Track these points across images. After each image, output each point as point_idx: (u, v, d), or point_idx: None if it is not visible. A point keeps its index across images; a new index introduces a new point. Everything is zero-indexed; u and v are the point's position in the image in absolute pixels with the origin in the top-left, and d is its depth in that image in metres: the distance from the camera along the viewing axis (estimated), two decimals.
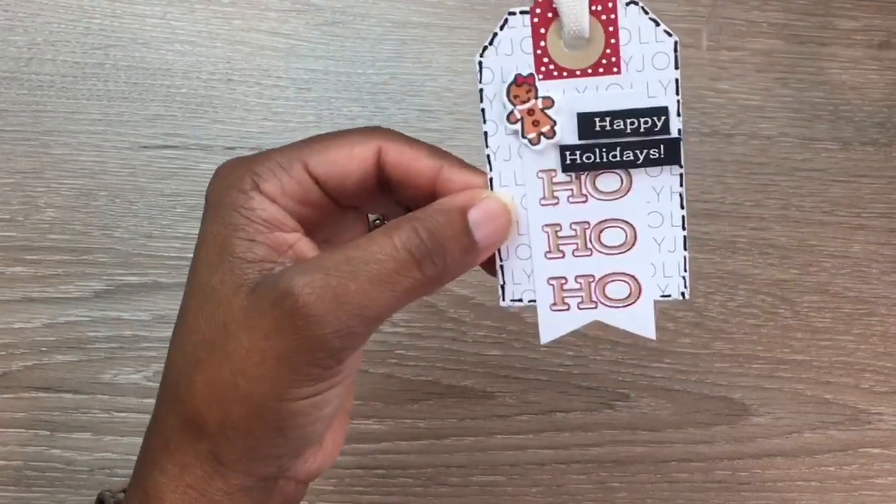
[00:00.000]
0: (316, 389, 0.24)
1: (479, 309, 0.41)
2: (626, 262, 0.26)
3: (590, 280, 0.27)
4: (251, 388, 0.24)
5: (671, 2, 0.42)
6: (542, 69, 0.25)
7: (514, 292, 0.27)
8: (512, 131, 0.26)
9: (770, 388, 0.42)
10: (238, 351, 0.24)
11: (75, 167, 0.40)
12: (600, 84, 0.25)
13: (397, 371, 0.41)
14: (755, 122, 0.43)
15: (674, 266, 0.26)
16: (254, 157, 0.26)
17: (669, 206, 0.26)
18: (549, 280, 0.27)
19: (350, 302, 0.23)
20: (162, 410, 0.26)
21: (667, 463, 0.42)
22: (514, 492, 0.41)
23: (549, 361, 0.41)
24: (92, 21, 0.41)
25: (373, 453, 0.41)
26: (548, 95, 0.25)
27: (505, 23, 0.25)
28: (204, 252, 0.25)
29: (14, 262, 0.40)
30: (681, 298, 0.27)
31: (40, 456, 0.40)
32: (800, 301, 0.42)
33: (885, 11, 0.43)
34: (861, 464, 0.42)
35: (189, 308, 0.25)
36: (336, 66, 0.41)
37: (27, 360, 0.40)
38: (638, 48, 0.25)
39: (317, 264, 0.24)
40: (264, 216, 0.25)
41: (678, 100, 0.25)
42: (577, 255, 0.26)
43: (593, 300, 0.27)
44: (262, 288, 0.24)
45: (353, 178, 0.26)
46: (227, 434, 0.24)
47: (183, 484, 0.25)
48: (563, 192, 0.26)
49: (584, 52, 0.25)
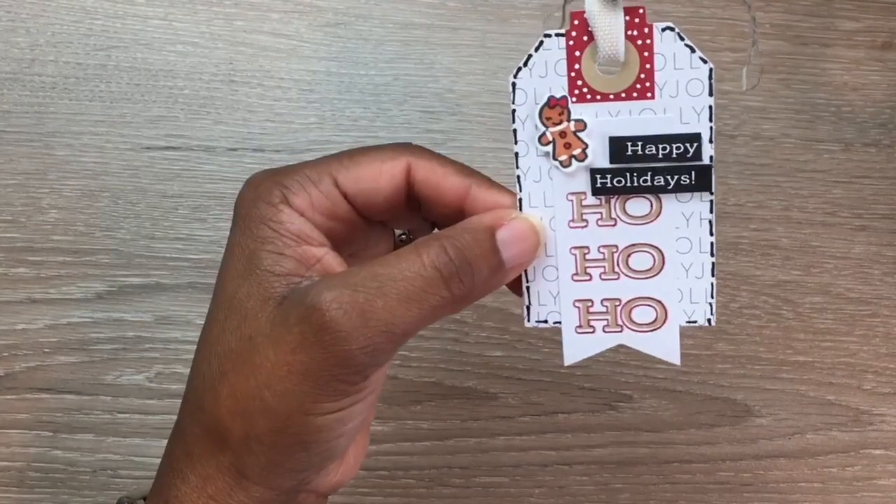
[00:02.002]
0: (341, 405, 0.24)
1: (482, 310, 0.41)
2: (653, 286, 0.26)
3: (616, 304, 0.27)
4: (276, 402, 0.24)
5: (675, 3, 0.42)
6: (575, 92, 0.25)
7: (540, 313, 0.27)
8: (543, 153, 0.26)
9: (772, 390, 0.42)
10: (264, 364, 0.24)
11: (78, 168, 0.40)
12: (633, 108, 0.25)
13: (400, 372, 0.41)
14: (757, 123, 0.43)
15: (701, 292, 0.26)
16: (283, 169, 0.26)
17: (698, 233, 0.26)
18: (576, 302, 0.27)
19: (377, 318, 0.23)
20: (186, 420, 0.26)
21: (669, 464, 0.42)
22: (517, 493, 0.41)
23: (552, 363, 0.41)
24: (94, 22, 0.41)
25: (376, 454, 0.41)
26: (580, 118, 0.25)
27: (540, 45, 0.25)
28: (232, 263, 0.25)
29: (17, 263, 0.40)
30: (707, 325, 0.27)
31: (43, 457, 0.40)
32: (802, 302, 0.42)
33: (887, 13, 0.43)
34: (863, 465, 0.42)
35: (215, 319, 0.25)
36: (338, 67, 0.41)
37: (30, 362, 0.40)
38: (672, 74, 0.25)
39: (344, 280, 0.24)
40: (293, 229, 0.25)
41: (711, 126, 0.25)
42: (604, 279, 0.26)
43: (619, 324, 0.27)
44: (289, 302, 0.24)
45: (382, 194, 0.26)
46: (250, 447, 0.24)
47: (205, 495, 0.25)
48: (592, 214, 0.26)
49: (619, 76, 0.25)
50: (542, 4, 0.42)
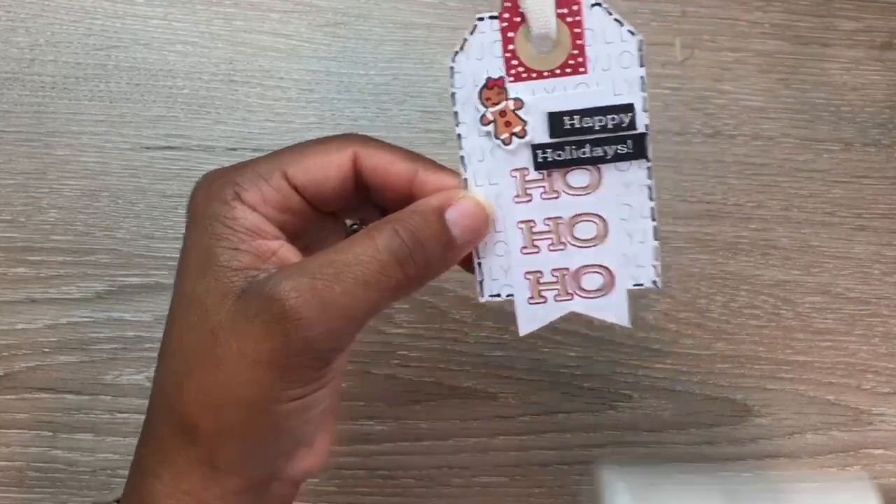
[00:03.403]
0: (306, 391, 0.25)
1: (481, 310, 0.41)
2: (599, 254, 0.27)
3: (565, 273, 0.28)
4: (243, 393, 0.24)
5: (675, 3, 0.42)
6: (511, 72, 0.26)
7: (493, 288, 0.28)
8: (485, 133, 0.27)
9: (772, 389, 0.42)
10: (229, 357, 0.24)
11: (77, 168, 0.40)
12: (568, 84, 0.26)
13: (400, 372, 0.41)
14: (757, 122, 0.43)
15: (645, 256, 0.27)
16: (233, 168, 0.27)
17: (639, 199, 0.27)
18: (526, 274, 0.28)
19: (336, 304, 0.24)
20: (154, 419, 0.26)
21: (669, 464, 0.42)
22: (517, 493, 0.41)
23: (552, 362, 0.41)
24: (94, 22, 0.41)
25: (375, 454, 0.41)
26: (518, 97, 0.26)
27: (475, 28, 0.26)
28: (189, 262, 0.26)
29: (16, 263, 0.40)
30: (653, 287, 0.27)
31: (42, 457, 0.40)
32: (802, 302, 0.42)
33: (886, 12, 0.43)
34: (863, 465, 0.42)
35: (176, 317, 0.26)
36: (338, 66, 0.41)
37: (29, 361, 0.40)
38: (603, 48, 0.25)
39: (302, 269, 0.24)
40: (247, 225, 0.26)
41: (644, 96, 0.26)
42: (551, 250, 0.27)
43: (569, 292, 0.28)
44: (248, 294, 0.25)
45: (331, 185, 0.27)
46: (221, 438, 0.25)
47: (179, 491, 0.25)
48: (535, 189, 0.27)
49: (552, 53, 0.26)
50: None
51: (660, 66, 0.42)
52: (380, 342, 0.41)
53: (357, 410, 0.41)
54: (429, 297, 0.41)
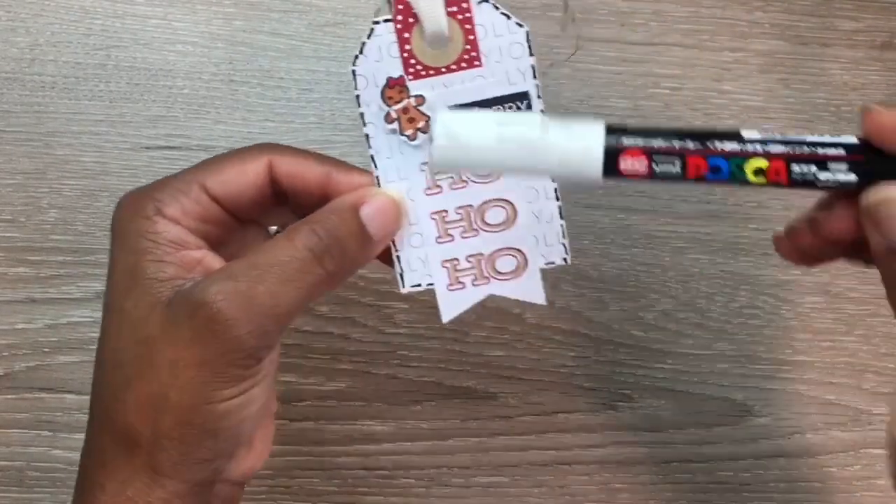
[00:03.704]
0: (240, 389, 0.26)
1: (481, 310, 0.41)
2: (510, 237, 0.29)
3: (480, 258, 0.29)
4: (180, 397, 0.25)
5: (675, 3, 0.42)
6: (410, 70, 0.27)
7: (413, 278, 0.29)
8: (390, 130, 0.28)
9: (772, 389, 0.42)
10: (163, 364, 0.25)
11: (77, 168, 0.40)
12: (465, 77, 0.27)
13: (400, 372, 0.41)
14: (757, 122, 0.43)
15: (553, 235, 0.29)
16: (153, 185, 0.28)
17: (542, 182, 0.28)
18: (444, 263, 0.29)
19: (260, 303, 0.25)
20: (95, 432, 0.27)
21: (669, 464, 0.42)
22: (517, 493, 0.41)
23: (552, 362, 0.41)
24: (94, 22, 0.41)
25: (375, 454, 0.41)
26: (419, 94, 0.27)
27: (371, 32, 0.27)
28: (116, 278, 0.27)
29: (16, 263, 0.40)
30: (563, 264, 0.29)
31: (43, 457, 0.40)
32: (802, 302, 0.42)
33: (886, 12, 0.43)
34: (863, 465, 0.42)
35: (109, 333, 0.27)
36: (338, 67, 0.41)
37: (29, 361, 0.40)
38: (494, 41, 0.27)
39: (226, 273, 0.26)
40: (169, 237, 0.27)
41: (537, 84, 0.27)
42: (465, 237, 0.29)
43: (485, 276, 0.29)
44: (176, 302, 0.26)
45: (249, 194, 0.28)
46: (161, 444, 0.26)
47: (124, 498, 0.26)
48: (445, 180, 0.28)
49: (447, 50, 0.27)
50: (542, 4, 0.42)
51: (659, 66, 0.42)
52: (380, 342, 0.41)
53: (357, 410, 0.41)
54: (429, 297, 0.41)
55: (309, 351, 0.41)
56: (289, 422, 0.41)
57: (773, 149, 0.25)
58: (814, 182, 0.24)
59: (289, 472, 0.41)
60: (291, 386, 0.41)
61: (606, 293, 0.42)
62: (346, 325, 0.41)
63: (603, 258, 0.42)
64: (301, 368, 0.41)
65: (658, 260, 0.42)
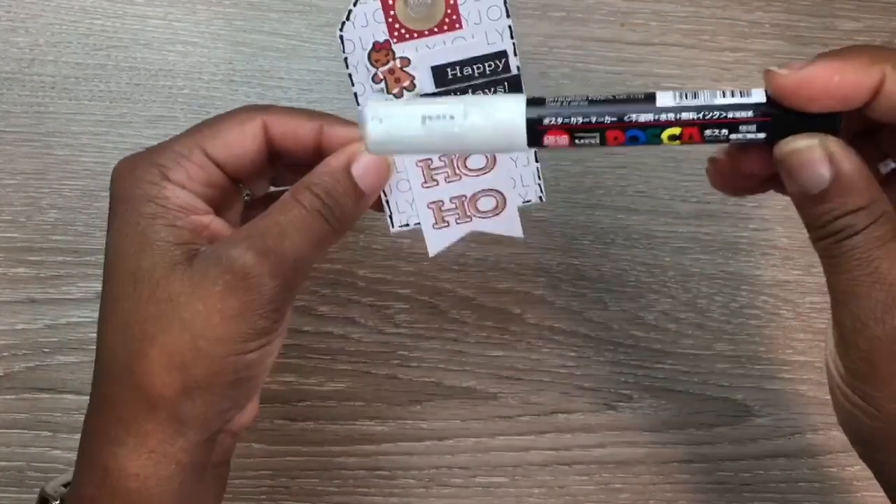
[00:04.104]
0: (265, 341, 0.28)
1: (481, 310, 0.41)
2: (490, 180, 0.31)
3: (463, 199, 0.31)
4: (211, 347, 0.27)
5: (675, 3, 0.42)
6: (395, 34, 0.29)
7: (401, 220, 0.31)
8: (378, 90, 0.30)
9: (772, 389, 0.42)
10: (194, 317, 0.27)
11: (77, 168, 0.40)
12: (447, 39, 0.29)
13: (400, 372, 0.41)
14: None
15: (529, 176, 0.31)
16: (152, 149, 0.29)
17: None
18: (429, 205, 0.31)
19: (287, 258, 0.27)
20: (110, 390, 0.28)
21: (669, 464, 0.42)
22: (517, 493, 0.41)
23: (552, 362, 0.41)
24: (94, 22, 0.41)
25: (375, 454, 0.41)
26: (404, 55, 0.29)
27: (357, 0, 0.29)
28: (124, 243, 0.28)
29: (16, 263, 0.40)
30: (539, 202, 0.31)
31: (42, 457, 0.40)
32: (802, 302, 0.42)
33: (887, 13, 0.43)
34: (863, 465, 0.42)
35: (122, 294, 0.27)
36: (338, 66, 0.41)
37: (29, 362, 0.40)
38: (473, 5, 0.29)
39: (253, 231, 0.27)
40: (178, 203, 0.28)
41: (513, 42, 0.29)
42: (448, 181, 0.31)
43: (468, 215, 0.31)
44: (204, 261, 0.27)
45: (249, 156, 0.29)
46: (189, 395, 0.27)
47: (145, 451, 0.27)
48: None
49: (429, 14, 0.29)
50: (542, 4, 0.42)
51: (659, 66, 0.42)
52: (380, 342, 0.41)
53: (357, 410, 0.41)
54: (428, 296, 0.41)
55: (309, 351, 0.41)
56: (289, 422, 0.41)
57: (686, 116, 0.26)
58: (727, 140, 0.27)
59: (289, 472, 0.41)
60: (291, 386, 0.41)
61: (606, 293, 0.42)
62: (346, 325, 0.41)
63: (603, 258, 0.42)
64: (301, 368, 0.41)
65: (658, 260, 0.42)
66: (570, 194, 0.42)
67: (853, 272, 0.25)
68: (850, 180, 0.24)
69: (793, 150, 0.25)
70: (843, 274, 0.25)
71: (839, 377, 0.27)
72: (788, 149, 0.25)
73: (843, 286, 0.25)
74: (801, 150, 0.25)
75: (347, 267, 0.41)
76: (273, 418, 0.40)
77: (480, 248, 0.41)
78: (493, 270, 0.41)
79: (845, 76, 0.24)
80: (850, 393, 0.26)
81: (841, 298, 0.25)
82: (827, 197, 0.25)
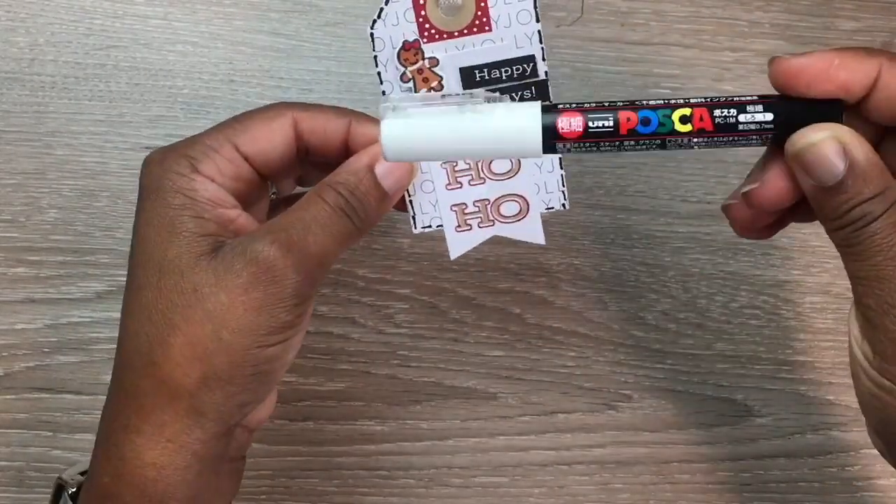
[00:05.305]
0: (287, 335, 0.28)
1: (481, 310, 0.41)
2: (514, 184, 0.31)
3: (486, 203, 0.31)
4: (234, 339, 0.27)
5: (675, 3, 0.42)
6: (425, 34, 0.29)
7: (424, 220, 0.32)
8: (406, 89, 0.30)
9: (772, 389, 0.42)
10: (218, 308, 0.27)
11: (77, 168, 0.40)
12: (476, 41, 0.29)
13: (399, 372, 0.41)
14: None
15: (554, 183, 0.31)
16: (183, 142, 0.29)
17: None
18: (452, 207, 0.31)
19: (310, 253, 0.27)
20: (130, 379, 0.28)
21: (669, 464, 0.42)
22: (517, 493, 0.41)
23: (552, 362, 0.41)
24: (93, 22, 0.41)
25: (375, 454, 0.41)
26: (433, 56, 0.29)
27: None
28: (151, 232, 0.28)
29: (16, 263, 0.40)
30: (562, 209, 0.32)
31: (42, 457, 0.40)
32: (802, 302, 0.42)
33: (887, 13, 0.43)
34: (863, 465, 0.42)
35: (147, 283, 0.28)
36: (338, 66, 0.41)
37: (29, 361, 0.40)
38: (504, 8, 0.29)
39: (277, 226, 0.28)
40: (207, 195, 0.28)
41: (542, 48, 0.29)
42: (472, 184, 0.31)
43: (490, 219, 0.32)
44: (229, 253, 0.27)
45: (279, 152, 0.29)
46: (209, 385, 0.27)
47: (163, 440, 0.27)
48: None
49: (459, 16, 0.29)
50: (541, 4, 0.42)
51: (659, 66, 0.42)
52: (380, 342, 0.41)
53: (357, 410, 0.41)
54: (428, 296, 0.41)
55: (309, 351, 0.41)
56: (289, 422, 0.41)
57: (695, 100, 0.27)
58: (735, 125, 0.26)
59: (289, 472, 0.41)
60: (291, 386, 0.41)
61: (606, 293, 0.42)
62: (346, 325, 0.41)
63: (603, 258, 0.42)
64: (301, 368, 0.41)
65: (658, 260, 0.42)
66: (571, 194, 0.41)
67: (875, 258, 0.25)
68: (864, 169, 0.25)
69: (807, 144, 0.25)
70: (865, 261, 0.25)
71: (866, 361, 0.27)
72: (802, 144, 0.25)
73: (866, 272, 0.25)
74: (815, 145, 0.25)
75: (347, 267, 0.41)
76: (273, 418, 0.40)
77: (480, 248, 0.41)
78: (493, 270, 0.41)
79: (845, 60, 0.25)
80: (877, 376, 0.26)
81: (865, 283, 0.25)
82: (843, 187, 0.25)
